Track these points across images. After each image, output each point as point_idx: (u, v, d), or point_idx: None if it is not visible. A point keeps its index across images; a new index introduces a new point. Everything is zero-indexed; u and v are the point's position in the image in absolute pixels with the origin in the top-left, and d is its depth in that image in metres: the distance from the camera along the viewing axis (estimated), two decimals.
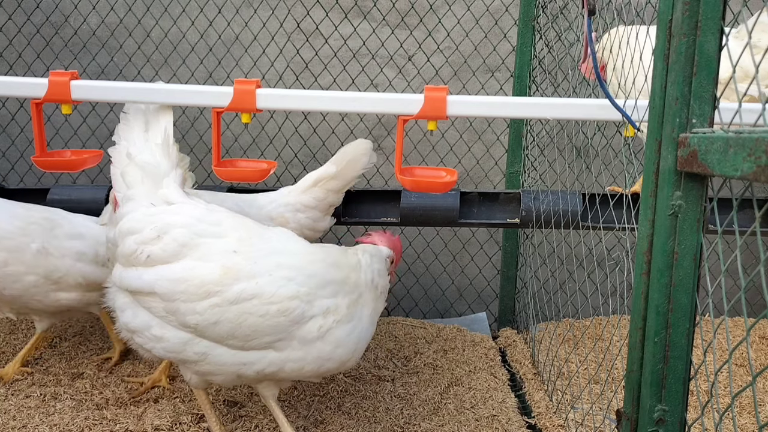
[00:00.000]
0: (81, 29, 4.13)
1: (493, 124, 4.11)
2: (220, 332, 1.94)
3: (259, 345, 1.97)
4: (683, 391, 1.43)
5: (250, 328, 1.93)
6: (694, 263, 1.40)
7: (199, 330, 1.95)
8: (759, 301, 3.94)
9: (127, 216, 2.08)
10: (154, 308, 1.99)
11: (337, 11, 3.99)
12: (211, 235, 2.01)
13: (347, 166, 2.72)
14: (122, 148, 2.22)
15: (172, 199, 2.11)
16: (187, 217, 2.03)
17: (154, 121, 2.27)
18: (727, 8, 1.35)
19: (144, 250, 1.98)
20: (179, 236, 1.98)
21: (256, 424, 2.46)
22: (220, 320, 1.92)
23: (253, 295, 1.92)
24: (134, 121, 2.28)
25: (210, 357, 2.00)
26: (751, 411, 2.72)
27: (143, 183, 2.13)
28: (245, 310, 1.92)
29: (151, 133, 2.25)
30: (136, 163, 2.15)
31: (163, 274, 1.96)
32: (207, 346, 1.99)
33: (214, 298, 1.92)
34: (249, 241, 2.03)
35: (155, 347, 2.03)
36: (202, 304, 1.92)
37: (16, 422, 2.43)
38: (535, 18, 3.54)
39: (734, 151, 1.11)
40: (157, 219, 2.02)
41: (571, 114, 2.30)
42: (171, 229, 1.99)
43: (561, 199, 2.95)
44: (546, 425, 2.65)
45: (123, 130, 2.27)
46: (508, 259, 3.89)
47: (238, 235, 2.03)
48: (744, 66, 2.45)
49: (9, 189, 3.27)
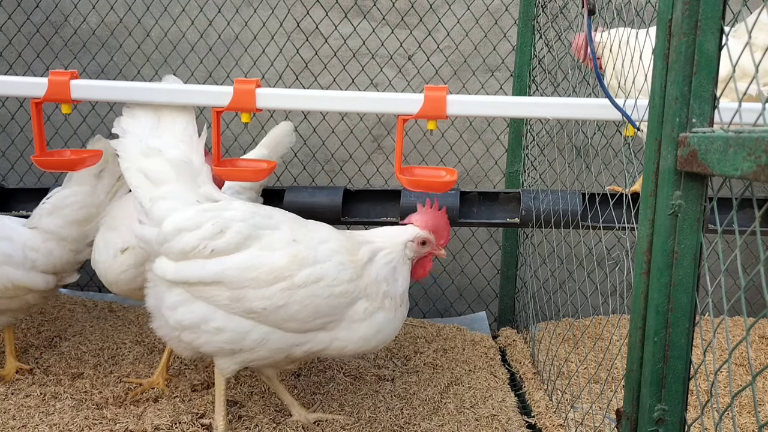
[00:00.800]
0: (81, 29, 4.13)
1: (492, 124, 4.11)
2: (284, 315, 2.08)
3: (315, 326, 2.13)
4: (683, 390, 1.43)
5: (313, 310, 2.09)
6: (693, 263, 1.39)
7: (265, 315, 2.07)
8: (759, 301, 3.94)
9: (174, 215, 2.12)
10: (217, 297, 2.07)
11: (336, 11, 3.99)
12: (268, 227, 2.15)
13: (276, 147, 3.08)
14: (132, 143, 2.21)
15: (216, 196, 2.23)
16: (243, 211, 2.15)
17: (170, 116, 2.26)
18: (727, 8, 1.35)
19: (207, 245, 2.08)
20: (242, 229, 2.10)
21: (256, 424, 2.46)
22: (287, 303, 2.06)
23: (319, 278, 2.09)
24: (143, 115, 2.26)
25: (269, 342, 2.12)
26: (751, 410, 2.72)
27: (178, 181, 2.18)
28: (312, 292, 2.08)
29: (167, 128, 2.24)
30: (167, 159, 2.17)
31: (230, 263, 2.07)
32: (266, 331, 2.11)
33: (283, 283, 2.06)
34: (300, 231, 2.18)
35: (211, 340, 2.11)
36: (271, 289, 2.05)
37: (16, 422, 2.42)
38: (534, 17, 3.54)
39: (734, 150, 1.11)
40: (216, 215, 2.11)
41: (571, 113, 2.29)
42: (232, 223, 2.10)
43: (561, 198, 2.94)
44: (546, 425, 2.65)
45: (130, 124, 2.26)
46: (508, 258, 3.89)
47: (288, 226, 2.18)
48: (741, 65, 2.45)
49: (9, 188, 3.27)
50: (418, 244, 2.29)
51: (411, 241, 2.27)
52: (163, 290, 2.16)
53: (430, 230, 2.31)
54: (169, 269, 2.11)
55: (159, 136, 2.22)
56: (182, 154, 2.20)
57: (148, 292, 2.24)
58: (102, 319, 3.63)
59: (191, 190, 2.19)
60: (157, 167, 2.17)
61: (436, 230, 2.32)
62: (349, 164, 4.17)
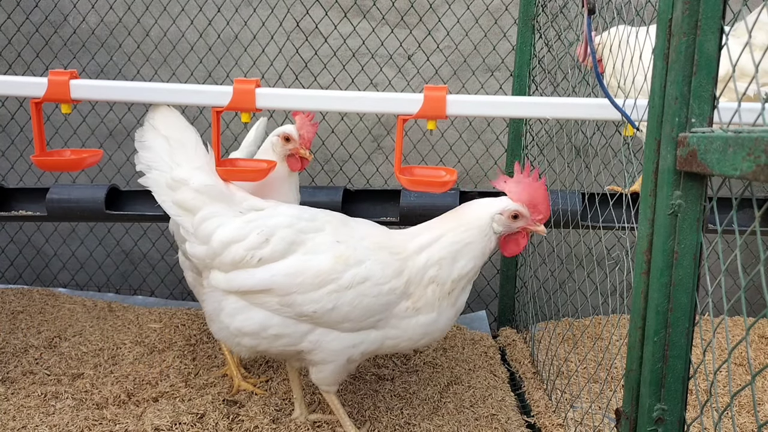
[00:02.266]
0: (80, 28, 4.13)
1: (492, 124, 4.11)
2: (335, 317, 2.09)
3: (367, 325, 2.13)
4: (682, 390, 1.44)
5: (364, 309, 2.09)
6: (693, 262, 1.40)
7: (317, 317, 2.09)
8: (758, 301, 3.95)
9: (219, 230, 2.15)
10: (269, 303, 2.11)
11: (336, 10, 3.99)
12: (312, 230, 2.17)
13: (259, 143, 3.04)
14: (158, 177, 2.22)
15: (259, 205, 2.25)
16: (287, 217, 2.17)
17: (178, 141, 2.25)
18: (727, 7, 1.35)
19: (255, 255, 2.11)
20: (287, 236, 2.12)
21: (256, 425, 2.46)
22: (336, 305, 2.07)
23: (365, 278, 2.09)
24: (158, 147, 2.25)
25: (323, 343, 2.15)
26: (751, 410, 2.72)
27: (213, 202, 2.20)
28: (360, 292, 2.08)
29: (179, 153, 2.23)
30: (195, 188, 2.18)
31: (277, 270, 2.10)
32: (321, 333, 2.14)
33: (330, 285, 2.08)
34: (342, 231, 2.19)
35: (273, 345, 2.16)
36: (318, 293, 2.08)
37: (16, 422, 2.42)
38: (534, 17, 3.54)
39: (733, 150, 1.11)
40: (260, 224, 2.14)
41: (571, 113, 2.29)
42: (277, 230, 2.12)
43: (560, 198, 2.94)
44: (545, 424, 2.65)
45: (149, 158, 2.25)
46: (508, 258, 3.89)
47: (331, 227, 2.19)
48: (741, 64, 2.45)
49: (8, 188, 3.27)
50: (509, 217, 2.12)
51: (500, 214, 2.12)
52: (220, 298, 2.20)
53: (524, 203, 2.12)
54: (222, 280, 2.16)
55: (178, 163, 2.22)
56: (206, 178, 2.21)
57: (205, 298, 2.28)
58: (102, 320, 3.63)
59: (229, 204, 2.22)
60: (187, 196, 2.19)
61: (532, 203, 2.12)
62: (349, 164, 4.17)
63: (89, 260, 4.43)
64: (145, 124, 2.29)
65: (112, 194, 3.07)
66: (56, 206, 3.02)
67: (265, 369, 3.04)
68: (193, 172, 2.20)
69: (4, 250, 4.47)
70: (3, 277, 4.50)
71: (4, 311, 3.69)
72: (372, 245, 2.15)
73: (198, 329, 3.49)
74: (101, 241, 4.41)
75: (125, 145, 4.19)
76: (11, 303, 3.84)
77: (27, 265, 4.48)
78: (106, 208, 3.01)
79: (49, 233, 4.43)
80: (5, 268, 4.48)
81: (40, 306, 3.82)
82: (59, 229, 4.42)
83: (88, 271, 4.47)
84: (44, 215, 3.09)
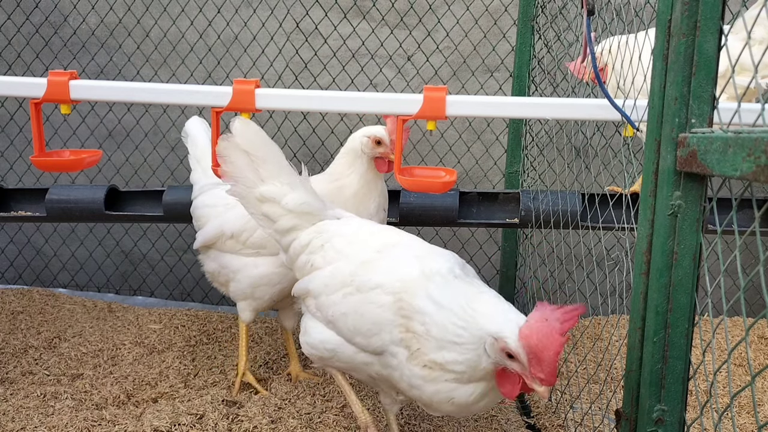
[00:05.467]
0: (80, 29, 4.13)
1: (492, 124, 4.11)
2: (350, 326, 2.02)
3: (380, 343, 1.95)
4: (682, 390, 1.44)
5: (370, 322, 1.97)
6: (693, 263, 1.40)
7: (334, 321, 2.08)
8: (758, 301, 3.94)
9: (294, 242, 2.25)
10: (309, 306, 2.16)
11: (336, 11, 3.99)
12: (361, 242, 2.17)
13: None
14: (244, 192, 2.24)
15: (339, 214, 2.32)
16: (352, 227, 2.22)
17: (261, 158, 2.21)
18: (726, 8, 1.35)
19: (309, 260, 2.20)
20: (337, 245, 2.16)
21: (255, 425, 2.46)
22: (347, 311, 2.01)
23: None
24: (241, 162, 2.21)
25: (341, 354, 2.07)
26: (750, 411, 2.72)
27: (299, 216, 2.24)
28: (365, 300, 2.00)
29: (262, 166, 2.21)
30: (284, 206, 2.22)
31: (317, 276, 2.16)
32: (339, 342, 2.07)
33: (347, 288, 2.05)
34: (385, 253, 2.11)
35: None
36: (337, 295, 2.07)
37: (15, 423, 2.42)
38: (534, 18, 3.54)
39: (733, 151, 1.11)
40: (323, 238, 2.19)
41: (570, 114, 2.30)
42: (332, 239, 2.19)
43: (560, 199, 2.94)
44: (545, 425, 2.65)
45: (232, 171, 2.22)
46: (508, 259, 3.89)
47: (381, 243, 2.15)
48: (740, 59, 2.44)
49: (7, 189, 3.27)
50: (503, 353, 1.68)
51: (494, 339, 1.69)
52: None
53: (528, 348, 1.61)
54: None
55: (262, 179, 2.22)
56: (299, 197, 2.23)
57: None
58: (102, 320, 3.63)
59: (310, 218, 2.25)
60: (274, 210, 2.24)
61: (536, 354, 1.60)
62: None
63: (89, 261, 4.43)
64: (224, 142, 2.20)
65: (111, 195, 3.07)
66: (55, 207, 3.02)
67: (266, 369, 3.04)
68: (283, 188, 2.22)
69: (3, 251, 4.47)
70: (3, 278, 4.50)
71: (4, 311, 3.69)
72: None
73: (197, 330, 3.49)
74: (101, 241, 4.41)
75: (124, 146, 4.19)
76: (11, 303, 3.84)
77: (27, 266, 4.47)
78: (106, 208, 3.01)
79: (48, 234, 4.42)
80: (5, 268, 4.48)
81: (39, 306, 3.82)
82: (59, 230, 4.42)
83: (88, 271, 4.47)
84: (43, 216, 3.09)
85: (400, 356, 1.88)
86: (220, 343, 3.35)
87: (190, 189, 2.95)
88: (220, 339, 3.40)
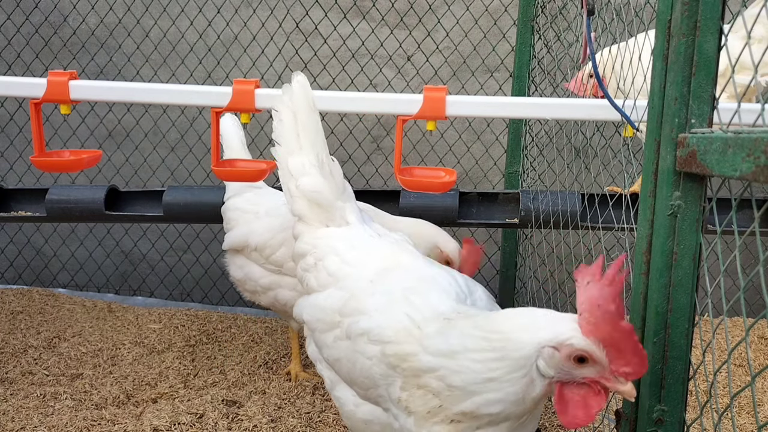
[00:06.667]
0: (80, 29, 4.13)
1: (492, 125, 4.11)
2: (347, 371, 1.71)
3: (375, 395, 1.64)
4: (682, 391, 1.43)
5: (362, 372, 1.66)
6: (693, 263, 1.39)
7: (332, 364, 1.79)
8: (758, 301, 3.94)
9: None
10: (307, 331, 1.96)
11: (336, 11, 3.99)
12: (357, 262, 1.90)
13: None
14: (281, 155, 2.04)
15: (349, 216, 2.04)
16: (352, 237, 1.95)
17: (303, 123, 2.03)
18: (726, 8, 1.35)
19: (304, 276, 1.99)
20: (332, 264, 1.90)
21: (255, 424, 2.46)
22: (340, 356, 1.73)
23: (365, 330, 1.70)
24: (287, 121, 2.03)
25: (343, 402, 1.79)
26: (750, 411, 2.72)
27: (319, 218, 2.01)
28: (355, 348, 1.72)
29: (304, 137, 2.02)
30: (305, 194, 2.00)
31: (307, 301, 1.94)
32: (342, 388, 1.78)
33: (336, 330, 1.77)
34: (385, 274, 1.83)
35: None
36: (331, 334, 1.80)
37: (14, 423, 2.42)
38: (534, 18, 3.54)
39: (733, 151, 1.11)
40: (319, 251, 1.95)
41: (570, 114, 2.30)
42: (327, 256, 1.92)
43: (560, 199, 2.94)
44: (545, 425, 2.65)
45: (279, 133, 2.05)
46: (507, 259, 3.89)
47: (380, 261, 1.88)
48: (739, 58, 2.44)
49: (7, 189, 3.26)
50: (571, 360, 1.33)
51: (553, 348, 1.34)
52: None
53: (598, 341, 1.31)
54: None
55: (301, 146, 2.01)
56: (314, 182, 1.99)
57: None
58: (101, 320, 3.63)
59: (318, 214, 2.00)
60: (292, 187, 2.03)
61: (613, 342, 1.30)
62: (348, 165, 4.17)
63: (89, 261, 4.43)
64: (282, 96, 2.06)
65: (111, 195, 3.07)
66: (55, 207, 3.02)
67: (265, 370, 3.04)
68: (307, 167, 1.98)
69: (3, 251, 4.47)
70: (2, 278, 4.50)
71: (4, 311, 3.69)
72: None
73: (197, 330, 3.49)
74: (101, 241, 4.41)
75: (124, 146, 4.18)
76: (11, 303, 3.84)
77: (26, 266, 4.47)
78: (106, 208, 3.01)
79: (48, 234, 4.42)
80: (5, 268, 4.48)
81: (39, 306, 3.82)
82: (59, 230, 4.42)
83: (88, 271, 4.46)
84: (43, 216, 3.09)
85: (402, 420, 1.54)
86: (219, 343, 3.35)
87: (189, 189, 2.96)
88: (219, 339, 3.40)
